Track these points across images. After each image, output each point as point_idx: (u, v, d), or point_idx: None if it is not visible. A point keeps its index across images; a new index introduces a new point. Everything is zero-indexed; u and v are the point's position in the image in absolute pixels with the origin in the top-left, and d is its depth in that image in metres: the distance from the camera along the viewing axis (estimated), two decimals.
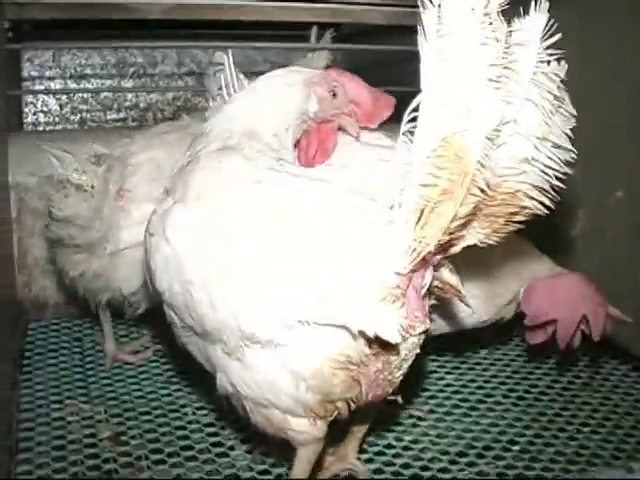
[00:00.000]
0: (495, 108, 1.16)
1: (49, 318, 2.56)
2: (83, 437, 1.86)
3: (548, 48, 1.18)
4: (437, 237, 1.23)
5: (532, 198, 1.27)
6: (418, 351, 1.38)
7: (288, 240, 1.33)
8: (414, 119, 1.18)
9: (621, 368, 2.30)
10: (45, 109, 3.73)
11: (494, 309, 1.94)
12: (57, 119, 3.74)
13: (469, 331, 1.98)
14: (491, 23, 1.12)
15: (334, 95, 1.65)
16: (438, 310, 1.76)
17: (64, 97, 3.79)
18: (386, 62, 3.06)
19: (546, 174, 1.24)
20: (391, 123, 1.66)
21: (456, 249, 1.33)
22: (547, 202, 1.27)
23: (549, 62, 1.19)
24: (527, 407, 2.06)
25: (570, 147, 1.24)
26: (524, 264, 1.95)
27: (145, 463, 1.76)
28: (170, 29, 3.24)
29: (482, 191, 1.21)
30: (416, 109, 1.16)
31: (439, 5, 1.12)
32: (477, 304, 1.86)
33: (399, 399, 1.48)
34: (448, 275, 1.40)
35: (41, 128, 3.76)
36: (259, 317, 1.32)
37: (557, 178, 1.25)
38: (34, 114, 3.74)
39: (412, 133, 1.20)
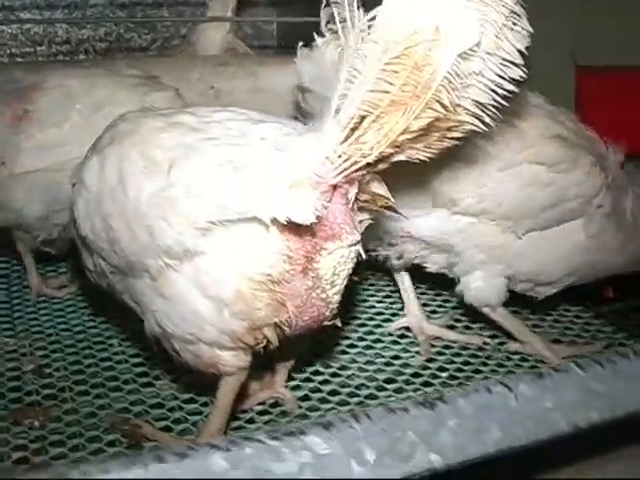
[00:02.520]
0: (476, 23, 1.14)
1: None
2: (6, 370, 1.82)
3: None
4: (380, 148, 1.21)
5: (472, 114, 1.23)
6: (351, 266, 1.36)
7: (196, 144, 1.33)
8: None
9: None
10: None
11: None
12: None
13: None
14: None
15: None
16: None
17: None
18: None
19: (492, 90, 1.21)
20: None
21: (385, 165, 1.30)
22: (487, 120, 1.24)
23: None
24: (458, 334, 2.06)
25: (521, 64, 1.21)
26: None
27: (68, 395, 1.72)
28: None
29: (444, 107, 1.19)
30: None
31: None
32: None
33: (338, 323, 1.45)
34: (377, 186, 1.36)
35: None
36: (172, 226, 1.29)
37: (502, 96, 1.22)
38: None
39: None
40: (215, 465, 1.04)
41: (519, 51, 1.20)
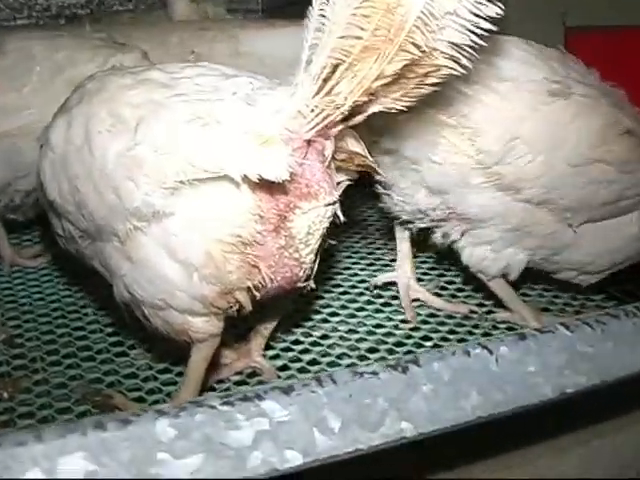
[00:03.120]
0: None
1: None
2: None
3: None
4: (354, 97, 1.15)
5: (449, 57, 1.17)
6: (326, 225, 1.30)
7: (164, 100, 1.27)
8: None
9: None
10: None
11: None
12: None
13: None
14: None
15: None
16: None
17: None
18: None
19: (468, 30, 1.14)
20: None
21: (360, 117, 1.24)
22: (465, 61, 1.18)
23: None
24: (445, 302, 2.00)
25: (496, 1, 1.14)
26: None
27: (40, 365, 1.67)
28: None
29: (419, 49, 1.13)
30: None
31: None
32: None
33: (311, 285, 1.39)
34: (353, 143, 1.30)
35: None
36: (139, 186, 1.23)
37: (478, 36, 1.16)
38: None
39: None
40: (161, 433, 0.96)
41: None
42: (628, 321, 1.31)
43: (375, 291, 2.04)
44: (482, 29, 1.16)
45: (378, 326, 1.88)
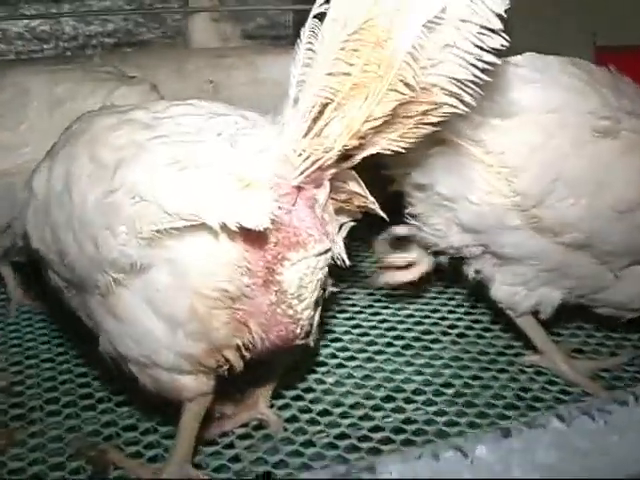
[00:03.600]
0: None
1: None
2: None
3: None
4: (343, 141, 1.06)
5: (450, 93, 1.07)
6: (321, 277, 1.20)
7: (145, 143, 1.18)
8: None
9: None
10: None
11: None
12: None
13: None
14: None
15: None
16: None
17: None
18: None
19: (470, 64, 1.05)
20: None
21: (356, 159, 1.14)
22: (467, 98, 1.08)
23: None
24: (467, 345, 1.88)
25: (501, 32, 1.04)
26: None
27: (38, 415, 1.59)
28: None
29: (409, 87, 1.04)
30: None
31: None
32: None
33: (310, 342, 1.29)
34: (352, 183, 1.20)
35: None
36: (116, 236, 1.15)
37: (481, 70, 1.06)
38: None
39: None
40: None
41: (498, 16, 1.03)
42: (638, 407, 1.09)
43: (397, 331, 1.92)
44: (486, 62, 1.06)
45: (396, 372, 1.76)
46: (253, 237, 1.11)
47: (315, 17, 1.07)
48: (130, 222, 1.13)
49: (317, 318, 1.27)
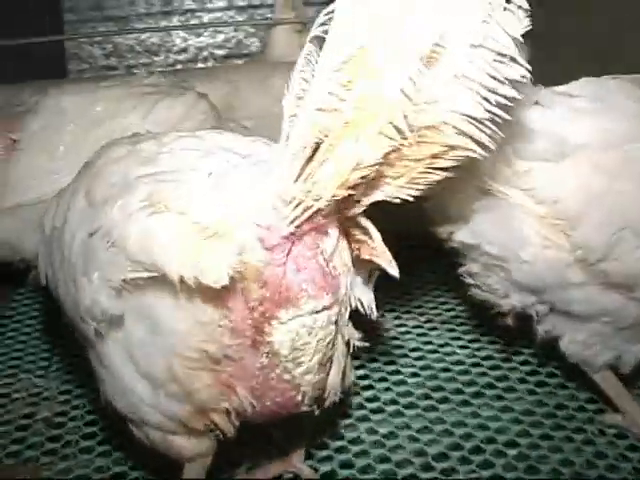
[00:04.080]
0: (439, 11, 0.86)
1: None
2: (19, 418, 1.65)
3: None
4: (331, 191, 0.92)
5: (463, 133, 0.91)
6: (323, 337, 1.05)
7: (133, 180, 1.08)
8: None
9: None
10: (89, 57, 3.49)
11: None
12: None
13: None
14: None
15: None
16: None
17: (109, 45, 3.52)
18: None
19: (484, 99, 0.89)
20: None
21: (362, 206, 1.00)
22: (485, 139, 0.91)
23: None
24: (545, 396, 1.66)
25: (520, 59, 0.89)
26: None
27: (71, 451, 1.52)
28: None
29: (400, 132, 0.89)
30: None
31: None
32: None
33: (315, 410, 1.15)
34: (358, 231, 1.05)
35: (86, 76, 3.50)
36: (90, 282, 1.05)
37: (500, 105, 0.90)
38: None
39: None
40: None
41: (515, 40, 0.88)
42: None
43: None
44: (503, 96, 0.89)
45: (457, 424, 1.58)
46: (236, 293, 0.98)
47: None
48: (103, 269, 1.03)
49: (336, 381, 1.13)
